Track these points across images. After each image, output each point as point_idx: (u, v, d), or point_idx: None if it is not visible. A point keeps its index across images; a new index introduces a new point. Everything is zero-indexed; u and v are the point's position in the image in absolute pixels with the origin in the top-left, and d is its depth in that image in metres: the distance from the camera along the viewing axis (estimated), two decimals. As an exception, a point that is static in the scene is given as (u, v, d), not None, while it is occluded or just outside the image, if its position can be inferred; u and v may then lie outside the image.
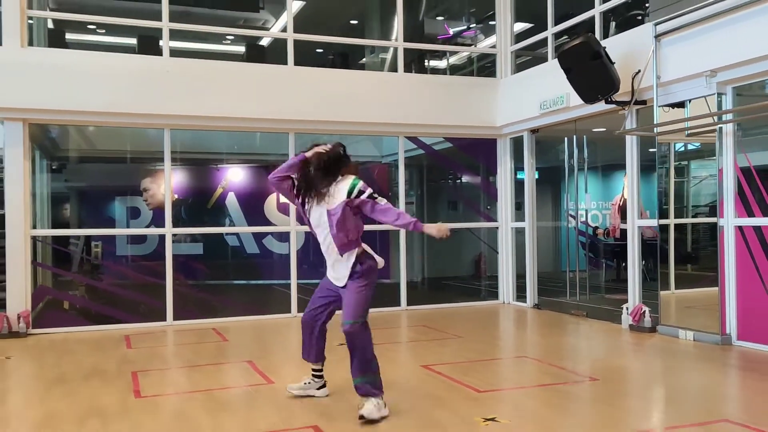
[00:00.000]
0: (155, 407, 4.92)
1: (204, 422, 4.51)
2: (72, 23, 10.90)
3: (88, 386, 5.57)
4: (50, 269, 9.34)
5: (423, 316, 9.34)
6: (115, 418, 4.60)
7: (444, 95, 10.16)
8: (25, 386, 5.84)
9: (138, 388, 5.48)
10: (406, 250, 10.63)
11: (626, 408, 4.77)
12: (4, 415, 4.81)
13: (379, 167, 11.71)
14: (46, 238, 9.17)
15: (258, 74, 9.37)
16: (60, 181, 11.20)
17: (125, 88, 8.58)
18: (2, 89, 8.13)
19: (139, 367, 6.27)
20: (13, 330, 8.12)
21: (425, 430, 4.24)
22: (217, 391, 5.38)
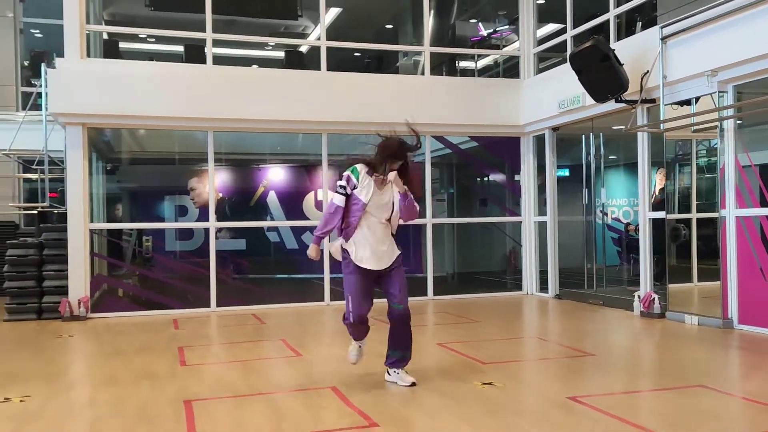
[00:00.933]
0: (198, 373, 5.66)
1: (239, 383, 5.22)
2: (125, 34, 11.86)
3: (140, 357, 6.35)
4: (107, 260, 10.22)
5: (447, 305, 9.93)
6: (164, 380, 5.34)
7: (469, 96, 10.73)
8: (88, 357, 6.66)
9: (184, 359, 6.23)
10: (433, 246, 11.24)
11: (612, 375, 5.31)
12: (72, 378, 5.60)
13: (412, 165, 12.30)
14: (102, 232, 10.06)
15: (294, 80, 10.11)
16: (114, 182, 12.16)
17: (172, 94, 9.39)
18: (64, 97, 9.03)
19: (185, 343, 7.05)
20: (75, 314, 9.00)
21: (431, 392, 4.84)
22: (252, 361, 6.10)
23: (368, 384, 5.05)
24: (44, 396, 4.90)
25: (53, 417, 4.40)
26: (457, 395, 4.72)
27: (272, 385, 5.17)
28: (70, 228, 9.18)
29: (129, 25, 12.14)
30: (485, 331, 7.49)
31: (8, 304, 9.09)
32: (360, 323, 4.99)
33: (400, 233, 5.25)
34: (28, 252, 9.30)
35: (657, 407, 4.47)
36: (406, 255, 11.35)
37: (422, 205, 10.88)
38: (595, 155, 10.14)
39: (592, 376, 5.33)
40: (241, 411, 4.44)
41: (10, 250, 9.32)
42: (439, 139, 11.16)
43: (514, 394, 4.75)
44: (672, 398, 4.59)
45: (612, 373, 5.43)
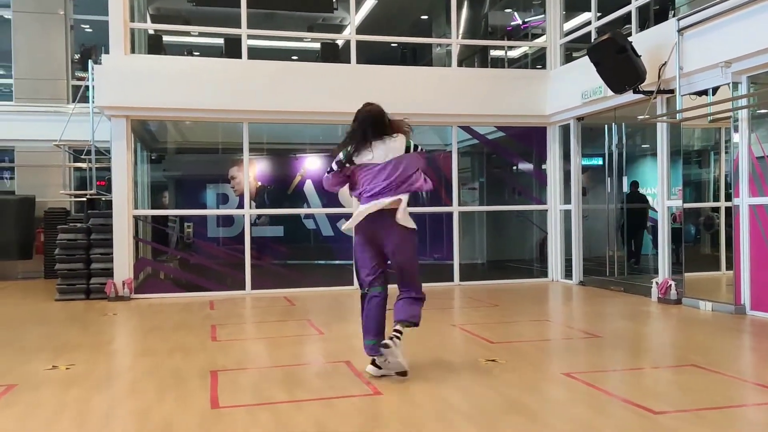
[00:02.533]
0: (227, 347, 6.15)
1: (263, 356, 5.70)
2: (167, 30, 12.45)
3: (176, 333, 6.89)
4: (150, 244, 10.85)
5: (471, 290, 10.27)
6: (196, 353, 5.85)
7: (496, 87, 11.00)
8: (129, 333, 7.23)
9: (215, 335, 6.74)
10: (464, 234, 11.57)
11: (611, 355, 5.61)
12: (114, 348, 6.15)
13: (444, 155, 12.62)
14: (147, 219, 10.69)
15: (325, 73, 10.53)
16: (158, 171, 12.83)
17: (209, 87, 9.90)
18: (110, 91, 9.64)
19: (218, 322, 7.57)
20: (119, 294, 9.64)
21: (436, 366, 5.23)
22: (277, 338, 6.58)
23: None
24: (88, 364, 5.45)
25: (96, 381, 4.93)
26: (460, 369, 5.09)
27: (292, 358, 5.63)
28: (115, 214, 9.80)
29: (173, 19, 12.75)
30: (502, 315, 7.83)
31: (59, 285, 9.78)
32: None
33: (432, 222, 5.53)
34: (77, 236, 9.98)
35: (644, 383, 4.77)
36: (437, 243, 11.87)
37: (449, 194, 11.22)
38: (617, 144, 10.30)
39: (592, 356, 5.64)
40: (260, 380, 4.90)
41: (61, 234, 10.01)
42: (465, 129, 11.45)
43: (513, 369, 5.09)
44: (661, 375, 4.89)
45: (612, 353, 5.73)
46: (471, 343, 6.13)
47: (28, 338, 6.71)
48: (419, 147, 5.01)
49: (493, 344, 6.05)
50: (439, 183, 11.91)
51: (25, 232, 12.86)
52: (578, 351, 5.80)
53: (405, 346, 4.82)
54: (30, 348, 6.13)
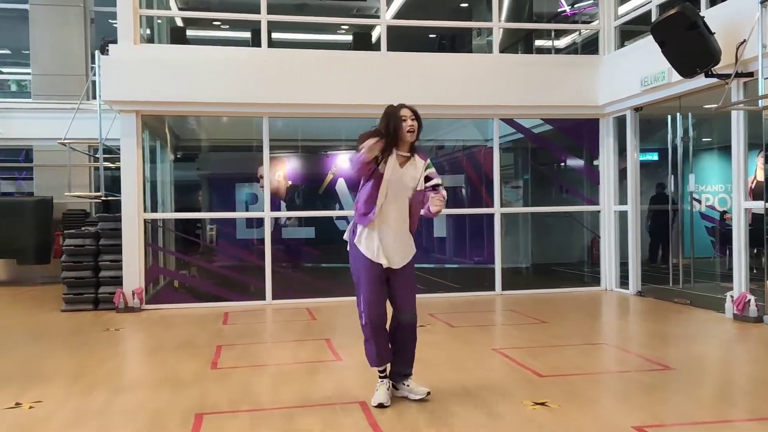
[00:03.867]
0: (226, 378, 5.24)
1: (263, 392, 4.77)
2: (194, 20, 11.64)
3: (175, 356, 6.02)
4: (163, 250, 10.04)
5: (515, 301, 9.20)
6: (188, 386, 4.96)
7: (541, 75, 9.89)
8: (121, 356, 6.37)
9: (217, 360, 5.85)
10: (508, 236, 10.51)
11: (693, 397, 4.51)
12: (96, 379, 5.28)
13: (484, 151, 11.58)
14: (166, 222, 9.90)
15: (352, 61, 9.58)
16: (182, 170, 12.08)
17: (226, 78, 9.03)
18: (118, 84, 8.85)
19: (226, 341, 6.68)
20: (129, 305, 8.85)
21: (468, 410, 4.22)
22: (287, 365, 5.64)
23: (400, 400, 4.47)
24: (57, 401, 4.60)
25: (57, 426, 4.07)
26: (499, 417, 4.08)
27: (296, 395, 4.68)
28: (125, 218, 9.02)
29: (202, 11, 11.91)
30: (551, 335, 6.75)
31: (65, 294, 9.06)
32: (380, 326, 4.33)
33: (472, 222, 4.69)
34: (85, 242, 9.24)
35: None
36: (478, 245, 10.81)
37: (490, 193, 10.16)
38: (682, 137, 9.08)
39: (669, 398, 4.54)
40: (252, 429, 3.97)
41: (68, 239, 9.28)
42: (508, 122, 10.36)
43: (568, 418, 4.05)
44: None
45: (692, 394, 4.63)
46: (514, 376, 5.09)
47: (6, 363, 5.91)
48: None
49: (542, 378, 5.01)
50: (479, 182, 10.89)
51: (42, 236, 12.26)
52: (648, 390, 4.70)
53: (432, 374, 3.80)
54: (1, 376, 5.33)
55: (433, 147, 12.59)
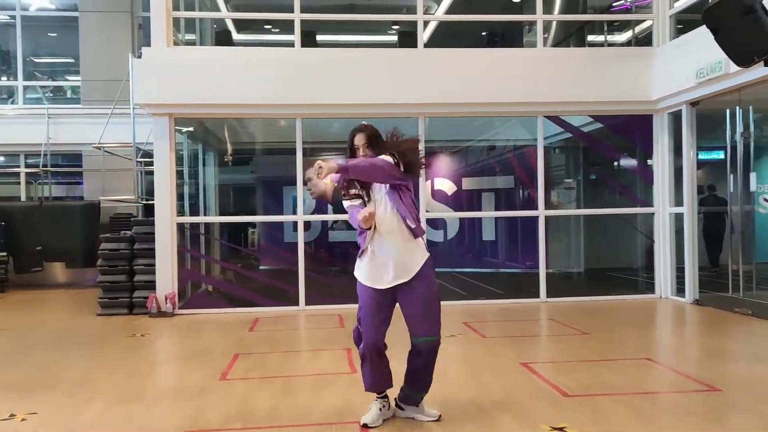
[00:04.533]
0: (231, 390, 4.98)
1: (264, 407, 4.48)
2: (245, 25, 11.53)
3: (187, 366, 5.82)
4: (197, 254, 9.93)
5: (559, 310, 8.66)
6: (189, 399, 4.73)
7: (589, 70, 9.31)
8: (134, 363, 6.11)
9: (229, 370, 5.60)
10: (559, 239, 9.98)
11: (735, 426, 3.96)
12: (98, 389, 5.10)
13: (534, 151, 11.08)
14: (210, 228, 9.80)
15: (389, 59, 9.26)
16: (228, 174, 12.02)
17: (259, 79, 8.85)
18: (151, 87, 8.78)
19: (245, 350, 6.44)
20: (162, 310, 8.76)
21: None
22: (298, 377, 5.35)
23: (398, 422, 4.10)
24: (51, 413, 4.43)
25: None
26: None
27: (297, 413, 4.36)
28: (157, 221, 8.95)
29: (254, 11, 11.77)
30: (590, 348, 6.23)
31: (101, 299, 9.04)
32: (376, 355, 3.94)
33: (524, 224, 4.28)
34: (120, 246, 9.21)
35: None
36: (530, 249, 10.28)
37: (530, 194, 9.64)
38: (742, 133, 8.35)
39: (706, 425, 4.01)
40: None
41: (104, 243, 9.28)
42: (553, 119, 9.82)
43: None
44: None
45: (736, 420, 4.08)
46: (537, 394, 4.64)
47: (20, 369, 5.83)
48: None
49: (567, 398, 4.54)
50: (530, 183, 10.35)
51: (89, 239, 12.39)
52: (689, 415, 4.17)
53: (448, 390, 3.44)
54: (7, 384, 5.23)
55: (485, 147, 12.15)
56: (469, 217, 10.97)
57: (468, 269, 11.56)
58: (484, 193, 11.57)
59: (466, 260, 11.65)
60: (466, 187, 11.36)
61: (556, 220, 11.11)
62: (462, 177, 11.43)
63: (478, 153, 12.33)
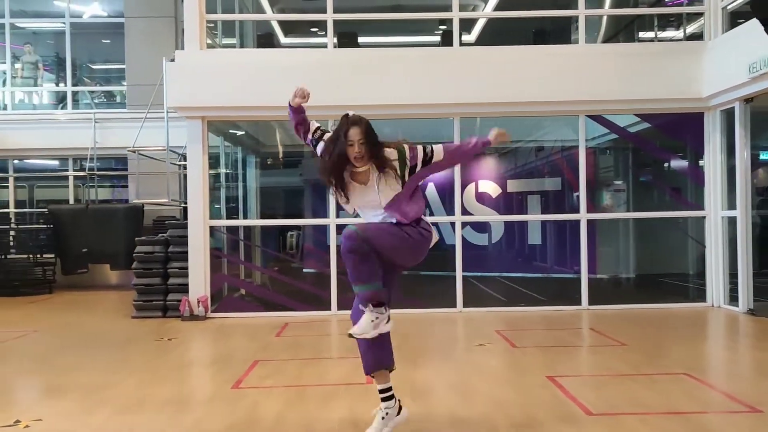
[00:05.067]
0: (240, 400, 4.83)
1: (264, 419, 4.32)
2: (291, 27, 11.46)
3: (204, 372, 5.75)
4: (232, 258, 9.88)
5: (601, 318, 8.25)
6: (195, 408, 4.63)
7: (635, 66, 8.87)
8: (152, 369, 5.94)
9: (243, 378, 5.47)
10: (607, 243, 9.56)
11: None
12: (108, 396, 5.03)
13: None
14: (251, 232, 9.76)
15: (423, 58, 9.03)
16: (269, 177, 12.00)
17: (290, 81, 8.61)
18: (184, 90, 8.78)
19: (266, 356, 6.31)
20: (194, 313, 8.74)
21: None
22: (311, 387, 5.17)
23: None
24: (55, 420, 4.37)
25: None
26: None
27: (299, 426, 4.18)
28: (190, 225, 8.94)
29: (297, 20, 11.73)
30: (625, 361, 5.85)
31: (135, 301, 9.09)
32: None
33: (572, 228, 4.01)
34: (155, 249, 9.25)
35: None
36: (574, 254, 9.87)
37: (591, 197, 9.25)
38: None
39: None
40: (226, 466, 3.52)
41: (139, 246, 9.34)
42: (596, 119, 9.40)
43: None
44: None
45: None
46: (558, 412, 4.33)
47: (40, 373, 5.84)
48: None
49: (590, 417, 4.22)
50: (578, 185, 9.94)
51: (132, 242, 12.47)
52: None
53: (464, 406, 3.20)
54: (24, 387, 5.23)
55: (532, 149, 11.79)
56: (508, 220, 10.61)
57: (513, 274, 11.20)
58: (530, 195, 11.21)
59: (511, 264, 11.29)
60: (511, 190, 11.02)
61: (606, 224, 10.67)
62: (507, 179, 11.10)
63: (525, 154, 11.96)
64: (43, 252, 12.46)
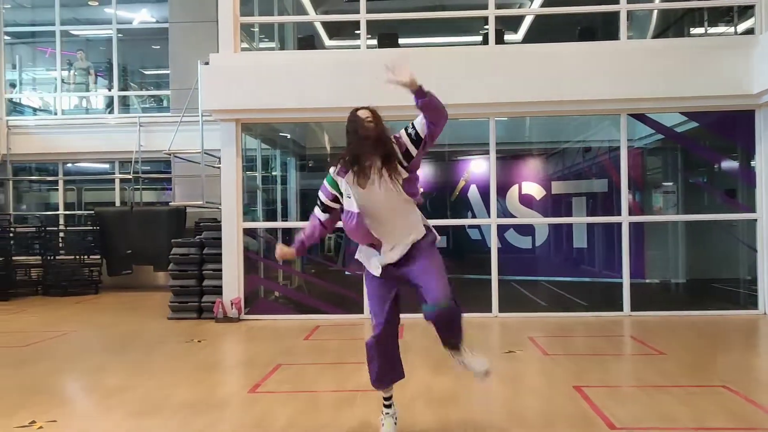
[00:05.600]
0: (254, 404, 4.77)
1: (273, 425, 4.23)
2: (336, 31, 11.45)
3: (224, 376, 5.73)
4: (263, 260, 9.85)
5: (642, 325, 7.90)
6: (206, 412, 4.57)
7: (680, 61, 8.47)
8: (173, 371, 5.93)
9: (262, 382, 5.40)
10: (657, 247, 9.20)
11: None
12: (124, 399, 5.02)
13: (631, 153, 10.28)
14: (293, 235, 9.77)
15: (457, 57, 8.82)
16: (308, 179, 11.99)
17: (323, 82, 8.66)
18: (218, 93, 8.81)
19: (289, 360, 6.25)
20: (228, 315, 8.76)
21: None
22: (325, 392, 5.07)
23: None
24: (68, 422, 4.39)
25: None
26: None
27: (312, 427, 4.08)
28: (224, 227, 8.96)
29: (342, 23, 11.69)
30: (659, 371, 5.55)
31: (171, 302, 9.17)
32: (382, 341, 3.77)
33: (611, 232, 3.84)
34: (190, 251, 9.32)
35: None
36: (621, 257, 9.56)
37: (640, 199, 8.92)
38: None
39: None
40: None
41: (175, 248, 9.43)
42: (640, 119, 9.04)
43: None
44: None
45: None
46: (579, 423, 4.12)
47: (67, 373, 5.90)
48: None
49: (613, 431, 3.99)
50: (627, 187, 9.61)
51: (174, 244, 12.72)
52: (749, 459, 3.55)
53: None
54: (47, 388, 5.28)
55: (580, 150, 11.47)
56: (546, 222, 10.34)
57: (559, 278, 10.89)
58: (575, 197, 10.90)
59: (556, 268, 10.98)
60: (556, 192, 10.74)
61: (655, 227, 10.29)
62: (552, 181, 10.82)
63: (572, 156, 11.64)
64: (90, 253, 12.74)
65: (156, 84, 17.63)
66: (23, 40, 16.20)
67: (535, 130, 11.21)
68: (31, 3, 15.72)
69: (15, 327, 8.67)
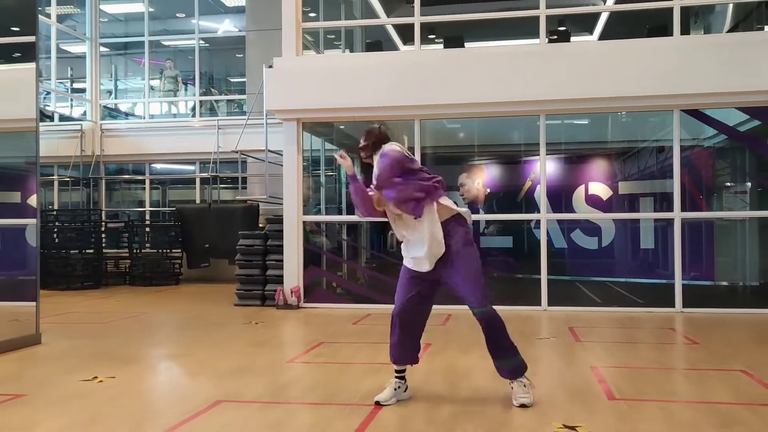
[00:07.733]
0: (286, 371, 5.25)
1: (300, 387, 4.68)
2: (409, 36, 11.94)
3: (269, 350, 6.21)
4: (322, 252, 10.36)
5: (690, 320, 7.89)
6: (242, 375, 5.06)
7: (737, 56, 8.39)
8: (230, 344, 6.52)
9: (301, 355, 5.88)
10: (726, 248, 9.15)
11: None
12: (175, 363, 5.62)
13: (697, 153, 10.20)
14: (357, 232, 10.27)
15: (504, 56, 9.08)
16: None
17: (379, 82, 9.08)
18: (281, 94, 9.42)
19: (333, 339, 6.70)
20: (288, 302, 9.32)
21: (491, 424, 3.70)
22: (355, 364, 5.48)
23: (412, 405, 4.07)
24: (124, 379, 4.98)
25: (104, 398, 4.40)
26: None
27: (324, 394, 4.51)
28: (286, 220, 9.54)
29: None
30: (683, 357, 5.66)
31: (237, 290, 9.84)
32: (403, 322, 4.23)
33: (690, 231, 4.05)
34: (255, 242, 9.96)
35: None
36: (696, 259, 9.47)
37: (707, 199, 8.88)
38: None
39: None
40: (258, 416, 3.91)
41: (241, 240, 10.09)
42: (695, 115, 8.98)
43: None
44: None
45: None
46: (581, 393, 4.34)
47: (133, 344, 6.58)
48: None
49: (611, 401, 4.20)
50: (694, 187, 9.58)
51: (248, 239, 13.48)
52: (735, 425, 3.68)
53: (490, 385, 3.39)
54: (113, 354, 5.94)
55: (653, 149, 11.43)
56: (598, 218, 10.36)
57: (625, 279, 10.86)
58: (643, 198, 10.87)
59: (623, 269, 10.96)
60: (623, 192, 10.76)
61: (726, 229, 10.14)
62: (619, 181, 10.85)
63: (645, 155, 11.58)
64: (172, 247, 13.68)
65: (241, 90, 18.63)
66: (118, 52, 17.54)
67: (604, 131, 11.19)
68: (124, 16, 17.01)
69: (100, 309, 9.54)
